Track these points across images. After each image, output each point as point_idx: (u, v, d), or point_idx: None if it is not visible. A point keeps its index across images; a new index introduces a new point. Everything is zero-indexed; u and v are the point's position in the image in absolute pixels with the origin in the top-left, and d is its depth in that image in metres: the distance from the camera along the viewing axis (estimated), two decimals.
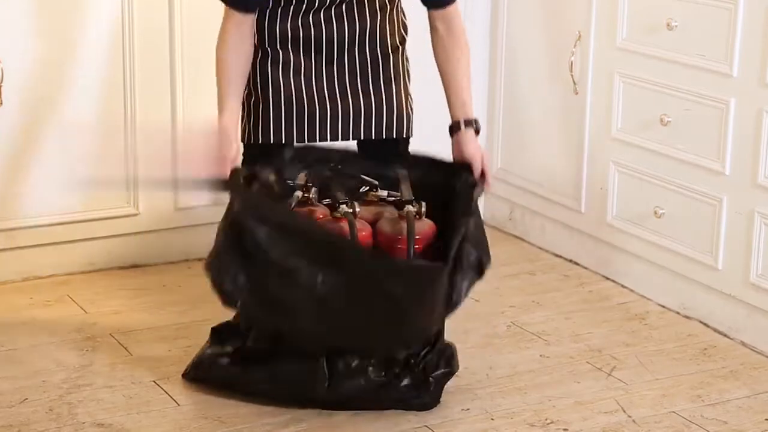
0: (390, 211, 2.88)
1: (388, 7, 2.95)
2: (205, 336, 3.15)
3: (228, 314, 3.01)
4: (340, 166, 2.99)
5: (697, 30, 3.31)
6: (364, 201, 2.90)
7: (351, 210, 2.79)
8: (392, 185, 2.93)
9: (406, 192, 2.88)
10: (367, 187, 2.94)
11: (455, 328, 3.29)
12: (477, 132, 2.97)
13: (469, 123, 2.95)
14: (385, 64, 2.96)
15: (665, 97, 3.42)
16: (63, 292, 3.50)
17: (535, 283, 3.67)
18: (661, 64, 3.42)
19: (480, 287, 3.60)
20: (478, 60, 4.04)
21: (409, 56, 3.03)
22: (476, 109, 4.02)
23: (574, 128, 3.74)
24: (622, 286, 3.63)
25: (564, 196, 3.81)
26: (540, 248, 3.93)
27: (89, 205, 3.60)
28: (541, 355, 3.20)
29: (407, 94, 3.02)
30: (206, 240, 3.69)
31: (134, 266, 3.68)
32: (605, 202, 3.66)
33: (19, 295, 3.48)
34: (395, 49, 2.97)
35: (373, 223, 2.84)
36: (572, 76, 3.70)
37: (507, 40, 3.97)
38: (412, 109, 3.05)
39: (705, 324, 3.38)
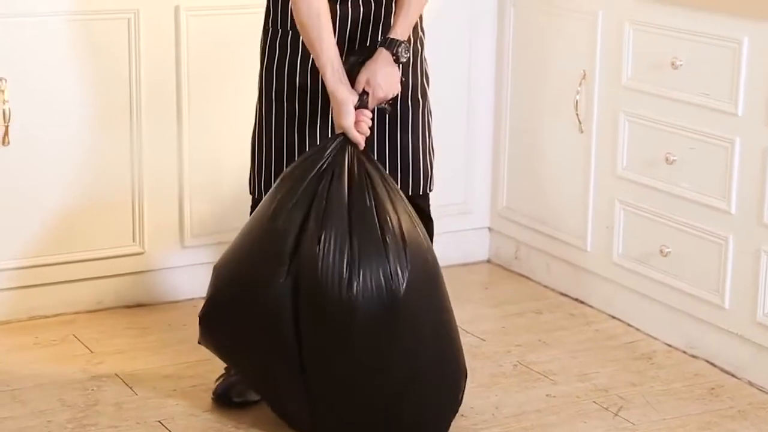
0: None
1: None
2: (210, 375, 3.15)
3: None
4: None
5: (701, 69, 3.32)
6: None
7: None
8: None
9: None
10: None
11: None
12: (396, 58, 2.86)
13: (391, 43, 2.86)
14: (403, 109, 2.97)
15: (670, 135, 3.42)
16: (68, 332, 3.50)
17: (541, 322, 3.66)
18: (666, 102, 3.43)
19: (486, 326, 3.61)
20: (483, 98, 4.05)
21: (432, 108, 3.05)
22: (481, 146, 4.07)
23: (579, 166, 3.74)
24: (629, 325, 3.62)
25: (570, 235, 3.81)
26: (546, 287, 3.93)
27: (95, 244, 3.60)
28: (547, 395, 3.18)
29: (426, 147, 3.02)
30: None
31: (140, 305, 3.68)
32: (611, 240, 3.66)
33: (25, 334, 3.48)
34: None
35: None
36: (577, 114, 3.71)
37: (512, 79, 3.98)
38: (432, 163, 3.05)
39: (712, 363, 3.37)
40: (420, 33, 3.00)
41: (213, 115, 3.66)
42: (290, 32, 2.91)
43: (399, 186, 2.91)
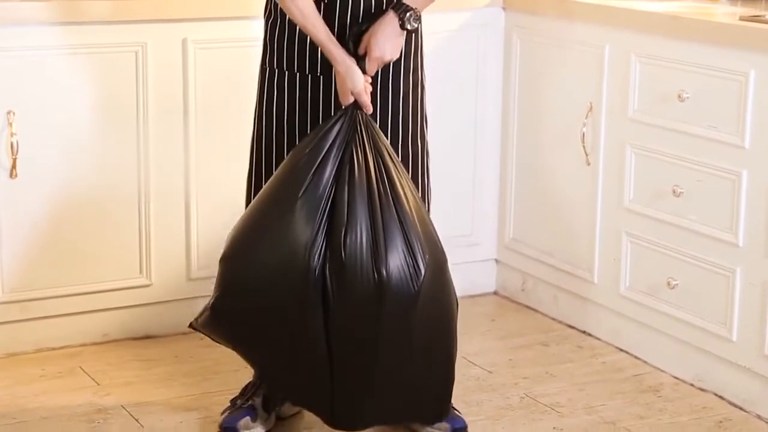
0: None
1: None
2: (216, 408, 3.14)
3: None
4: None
5: (708, 101, 3.32)
6: None
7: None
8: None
9: None
10: None
11: (468, 400, 3.28)
12: (401, 23, 2.85)
13: (400, 8, 2.85)
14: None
15: (677, 168, 3.43)
16: (75, 364, 3.50)
17: (549, 354, 3.65)
18: (673, 135, 3.43)
19: (493, 358, 3.60)
20: (490, 130, 4.06)
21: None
22: (488, 178, 4.07)
23: (586, 199, 3.74)
24: (636, 357, 3.61)
25: (577, 267, 3.81)
26: (553, 319, 3.92)
27: (102, 276, 3.60)
28: (554, 428, 3.17)
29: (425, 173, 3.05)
30: None
31: (147, 337, 3.68)
32: (618, 272, 3.65)
33: (32, 366, 3.47)
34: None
35: None
36: (584, 147, 3.71)
37: (519, 111, 3.99)
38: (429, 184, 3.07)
39: (720, 396, 3.35)
40: (419, 39, 3.00)
41: (220, 148, 3.67)
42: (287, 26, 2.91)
43: None
